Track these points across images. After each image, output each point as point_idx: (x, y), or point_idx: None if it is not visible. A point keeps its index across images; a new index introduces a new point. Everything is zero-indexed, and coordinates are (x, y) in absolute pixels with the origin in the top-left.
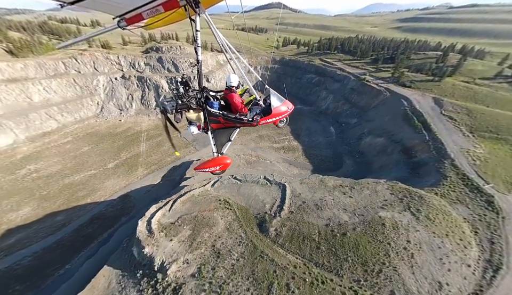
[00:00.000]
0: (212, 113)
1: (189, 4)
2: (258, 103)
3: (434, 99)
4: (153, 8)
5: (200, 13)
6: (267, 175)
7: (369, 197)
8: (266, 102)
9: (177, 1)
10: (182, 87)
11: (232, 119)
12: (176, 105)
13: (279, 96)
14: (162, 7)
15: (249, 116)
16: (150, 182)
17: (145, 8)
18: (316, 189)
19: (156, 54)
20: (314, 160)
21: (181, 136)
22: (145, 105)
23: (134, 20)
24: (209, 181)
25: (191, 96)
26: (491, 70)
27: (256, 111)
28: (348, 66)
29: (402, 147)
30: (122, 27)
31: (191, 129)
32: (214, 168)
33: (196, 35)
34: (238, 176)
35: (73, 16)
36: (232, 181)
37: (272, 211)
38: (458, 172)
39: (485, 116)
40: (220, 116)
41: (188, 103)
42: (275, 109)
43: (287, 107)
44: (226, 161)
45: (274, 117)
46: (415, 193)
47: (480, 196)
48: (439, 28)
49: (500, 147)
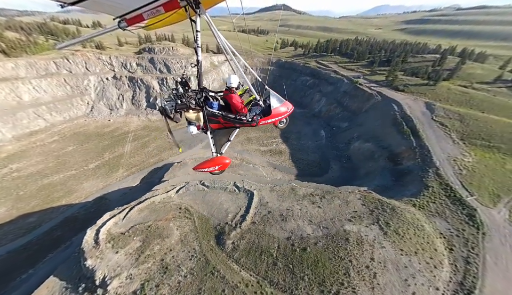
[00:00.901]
0: (211, 113)
1: (189, 5)
2: (258, 104)
3: (426, 104)
4: (154, 8)
5: (201, 13)
6: (237, 182)
7: (338, 208)
8: (266, 103)
9: (178, 2)
10: (181, 86)
11: (231, 119)
12: (175, 105)
13: (278, 97)
14: (163, 8)
15: (249, 116)
16: (128, 184)
17: (146, 9)
18: (285, 198)
19: (148, 55)
20: (300, 164)
21: (168, 137)
22: (136, 105)
23: (135, 21)
24: (174, 187)
25: (190, 96)
26: (491, 74)
27: (256, 111)
28: (343, 68)
29: (389, 153)
30: (123, 28)
31: (191, 129)
32: (213, 167)
33: (196, 35)
34: (206, 182)
35: (76, 18)
36: (198, 187)
37: (234, 222)
38: (442, 182)
39: (478, 122)
40: (220, 117)
41: (187, 103)
42: (275, 110)
43: (287, 108)
44: (225, 161)
45: (274, 118)
46: (387, 204)
47: (461, 209)
48: (445, 30)
49: (490, 156)
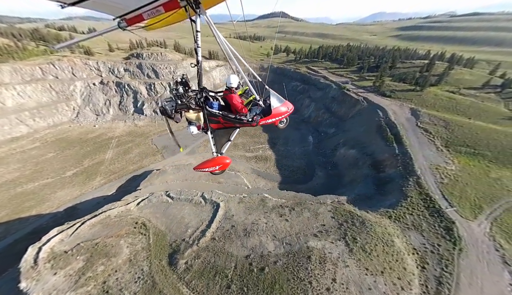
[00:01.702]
0: (211, 113)
1: (189, 5)
2: (258, 103)
3: (412, 110)
4: (154, 8)
5: (201, 13)
6: (205, 193)
7: (307, 221)
8: (266, 102)
9: (178, 2)
10: (181, 87)
11: (231, 119)
12: (175, 105)
13: (279, 97)
14: (163, 8)
15: (249, 116)
16: (103, 193)
17: (146, 9)
18: (253, 210)
19: (136, 60)
20: (285, 171)
21: (152, 143)
22: (123, 110)
23: (135, 21)
24: (136, 199)
25: (190, 96)
26: (479, 79)
27: (256, 111)
28: (332, 74)
29: (373, 160)
30: (122, 28)
31: (191, 129)
32: (213, 167)
33: (196, 36)
34: (172, 193)
35: (71, 24)
36: (162, 199)
37: (192, 238)
38: (422, 191)
39: (464, 129)
40: (220, 117)
41: (188, 103)
42: (275, 109)
43: (287, 108)
44: (225, 161)
45: (274, 118)
46: (358, 217)
47: (439, 222)
48: (439, 36)
49: (475, 164)
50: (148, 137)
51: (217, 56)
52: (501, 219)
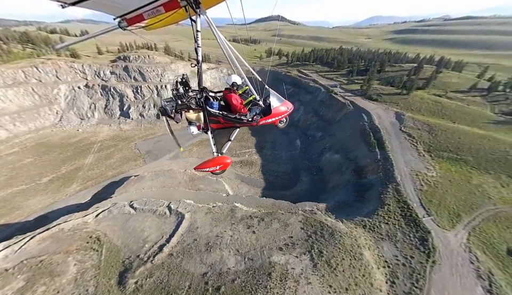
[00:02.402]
0: (211, 113)
1: (189, 5)
2: (258, 103)
3: (396, 114)
4: (154, 8)
5: (201, 13)
6: (172, 203)
7: (275, 233)
8: (266, 102)
9: (178, 2)
10: (181, 87)
11: (232, 119)
12: (176, 105)
13: (278, 96)
14: (163, 8)
15: (249, 116)
16: (77, 201)
17: (146, 9)
18: (220, 221)
19: (123, 63)
20: (270, 176)
21: (135, 147)
22: (109, 114)
23: (135, 20)
24: (96, 210)
25: (190, 96)
26: (467, 83)
27: (256, 111)
28: (322, 77)
29: (356, 166)
30: (123, 27)
31: (191, 129)
32: (214, 167)
33: (196, 35)
34: (136, 203)
35: (71, 27)
36: (124, 210)
37: (147, 254)
38: (400, 199)
39: (447, 133)
40: (220, 117)
41: (188, 103)
42: (275, 109)
43: (287, 107)
44: (226, 161)
45: (274, 117)
46: (327, 228)
47: (414, 232)
48: (432, 40)
49: (457, 169)
50: (132, 141)
51: (209, 59)
52: (479, 228)
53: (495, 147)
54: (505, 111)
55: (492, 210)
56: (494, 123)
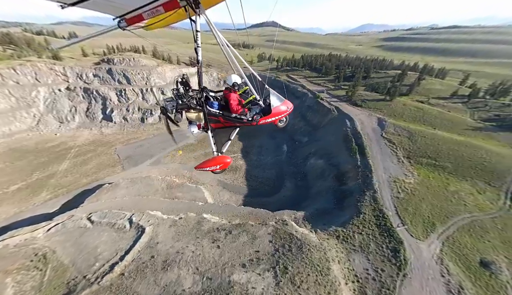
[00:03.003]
0: (211, 113)
1: (189, 5)
2: (258, 103)
3: (379, 120)
4: (154, 8)
5: (200, 13)
6: (135, 215)
7: (241, 247)
8: (266, 102)
9: (178, 2)
10: (182, 87)
11: (232, 119)
12: (176, 105)
13: (278, 96)
14: (163, 8)
15: (249, 116)
16: (45, 211)
17: (146, 9)
18: (183, 235)
19: (107, 65)
20: (253, 182)
21: (115, 153)
22: (90, 117)
23: (135, 20)
24: (49, 223)
25: (191, 96)
26: (449, 89)
27: (256, 110)
28: (310, 83)
29: (337, 172)
30: (122, 27)
31: (191, 129)
32: (214, 167)
33: (196, 36)
34: (94, 216)
35: (51, 29)
36: (80, 223)
37: (96, 274)
38: (376, 207)
39: (426, 139)
40: (220, 116)
41: (188, 103)
42: (275, 108)
43: (287, 107)
44: (226, 160)
45: (274, 117)
46: (296, 241)
47: (388, 242)
48: (419, 47)
49: (434, 176)
50: (112, 146)
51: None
52: (453, 238)
53: (473, 153)
54: (484, 117)
55: (467, 218)
56: (472, 129)
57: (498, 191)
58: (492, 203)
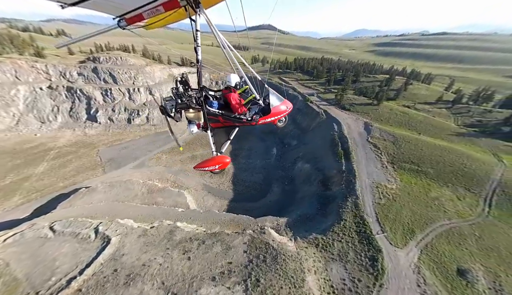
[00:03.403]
0: (211, 113)
1: (189, 4)
2: (257, 102)
3: (365, 124)
4: (154, 8)
5: (200, 13)
6: (102, 224)
7: (213, 258)
8: (266, 101)
9: (178, 1)
10: (181, 86)
11: (231, 118)
12: (175, 104)
13: (278, 96)
14: (163, 7)
15: (249, 115)
16: (16, 216)
17: (146, 8)
18: (153, 246)
19: (92, 64)
20: (240, 186)
21: (97, 155)
22: (74, 117)
23: (135, 20)
24: (6, 233)
25: (190, 95)
26: (434, 95)
27: (255, 110)
28: (301, 86)
29: (323, 176)
30: (122, 27)
31: (191, 128)
32: (213, 166)
33: (196, 35)
34: (58, 225)
35: (46, 26)
36: (40, 233)
37: (50, 290)
38: (357, 213)
39: (410, 144)
40: (219, 116)
41: (188, 102)
42: (274, 108)
43: (286, 107)
44: (225, 160)
45: (273, 117)
46: (272, 251)
47: (366, 250)
48: (409, 52)
49: (417, 182)
50: (95, 147)
51: (191, 63)
52: (431, 245)
53: (455, 159)
54: (467, 123)
55: (446, 225)
56: (455, 135)
57: (477, 198)
58: (471, 209)
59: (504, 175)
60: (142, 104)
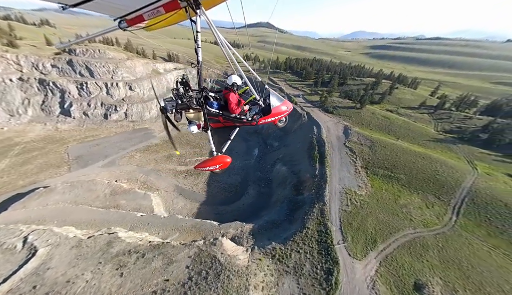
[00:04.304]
0: (211, 113)
1: (189, 5)
2: (258, 103)
3: (345, 128)
4: (154, 9)
5: (201, 14)
6: (33, 233)
7: (150, 274)
8: (266, 102)
9: (178, 3)
10: (182, 87)
11: (231, 119)
12: (176, 105)
13: (278, 96)
14: (163, 9)
15: (249, 115)
16: None
17: (146, 10)
18: (84, 259)
19: (68, 56)
20: (214, 188)
21: (66, 151)
22: (46, 111)
23: (135, 21)
24: None
25: (191, 96)
26: (418, 99)
27: (256, 110)
28: (289, 86)
29: (297, 180)
30: (123, 28)
31: (191, 128)
32: (214, 166)
33: (196, 36)
34: None
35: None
36: None
37: None
38: (321, 221)
39: (386, 150)
40: (220, 116)
41: (188, 103)
42: (274, 108)
43: (287, 107)
44: (226, 160)
45: (273, 117)
46: (217, 266)
47: (323, 262)
48: (402, 56)
49: (388, 188)
50: (65, 143)
51: (178, 59)
52: (392, 257)
53: (427, 165)
54: (447, 129)
55: (410, 235)
56: (433, 141)
57: (446, 206)
58: (438, 218)
59: (475, 184)
60: (121, 99)
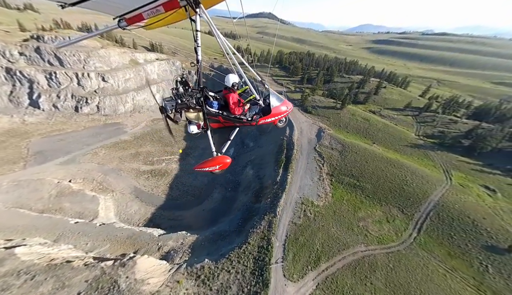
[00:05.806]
0: (211, 113)
1: (189, 4)
2: (257, 103)
3: (319, 130)
4: (154, 8)
5: (200, 13)
6: None
7: None
8: (266, 102)
9: (178, 2)
10: (181, 86)
11: (231, 119)
12: (175, 105)
13: (278, 96)
14: (163, 8)
15: (249, 115)
16: None
17: (146, 9)
18: None
19: (36, 43)
20: (177, 190)
21: (26, 146)
22: (14, 102)
23: (135, 20)
24: None
25: (190, 96)
26: (405, 100)
27: (256, 110)
28: (274, 82)
29: (260, 186)
30: (122, 27)
31: (191, 128)
32: (213, 167)
33: (196, 35)
34: None
35: None
36: None
37: None
38: (266, 235)
39: (356, 156)
40: (219, 116)
41: (188, 103)
42: (274, 109)
43: (287, 107)
44: (225, 160)
45: (273, 117)
46: (115, 293)
47: (253, 284)
48: (403, 52)
49: (349, 198)
50: (28, 137)
51: (162, 49)
52: (332, 278)
53: (397, 174)
54: (429, 133)
55: (360, 252)
56: (411, 146)
57: (408, 221)
58: (397, 234)
59: (444, 196)
60: (93, 91)
